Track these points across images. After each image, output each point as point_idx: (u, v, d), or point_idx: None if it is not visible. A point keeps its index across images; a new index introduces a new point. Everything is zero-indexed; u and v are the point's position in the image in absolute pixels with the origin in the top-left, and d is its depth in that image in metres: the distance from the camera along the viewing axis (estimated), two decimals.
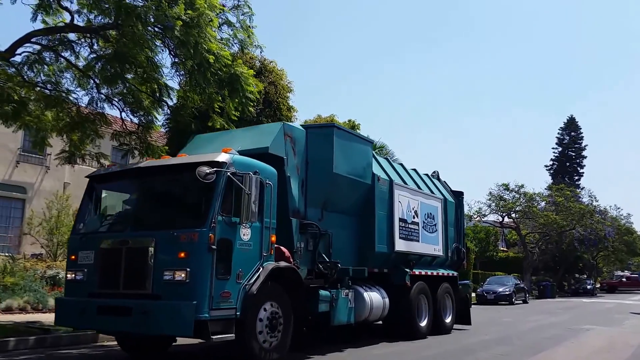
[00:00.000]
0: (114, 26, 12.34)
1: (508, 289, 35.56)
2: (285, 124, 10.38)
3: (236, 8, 14.15)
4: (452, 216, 15.28)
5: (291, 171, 10.11)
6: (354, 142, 11.47)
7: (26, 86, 12.64)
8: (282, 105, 23.53)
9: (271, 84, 23.14)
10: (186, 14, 11.67)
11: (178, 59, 12.98)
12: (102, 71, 11.91)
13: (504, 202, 48.85)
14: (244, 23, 14.09)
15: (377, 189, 11.95)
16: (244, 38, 14.06)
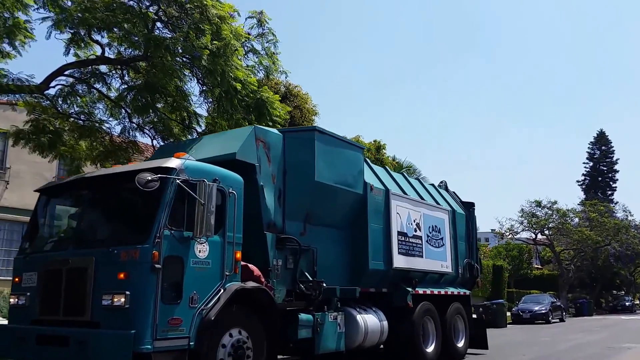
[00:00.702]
0: (143, 58, 12.96)
1: (544, 307, 34.63)
2: (257, 127, 9.29)
3: (261, 36, 14.92)
4: (463, 229, 13.95)
5: (265, 180, 9.01)
6: (341, 147, 10.31)
7: (60, 117, 13.31)
8: None
9: (296, 107, 23.61)
10: (213, 44, 12.18)
11: (206, 87, 13.63)
12: (134, 101, 12.51)
13: (536, 219, 48.15)
14: (268, 50, 14.89)
15: (370, 199, 10.76)
16: (269, 64, 14.83)
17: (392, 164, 30.94)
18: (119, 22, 12.59)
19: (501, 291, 42.26)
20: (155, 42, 12.09)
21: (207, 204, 7.18)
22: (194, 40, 12.18)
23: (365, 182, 10.71)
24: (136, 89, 12.61)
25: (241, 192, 8.18)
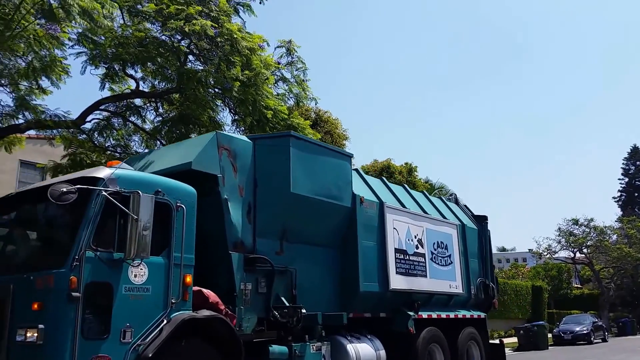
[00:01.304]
0: (177, 90, 13.40)
1: (586, 327, 32.87)
2: (219, 133, 8.19)
3: (290, 64, 15.34)
4: (475, 245, 12.57)
5: (230, 192, 7.90)
6: (324, 155, 9.14)
7: (97, 151, 13.62)
8: None
9: (327, 133, 24.05)
10: (243, 75, 12.59)
11: (238, 116, 14.06)
12: (168, 133, 12.96)
13: (574, 238, 46.98)
14: (298, 78, 15.35)
15: (360, 213, 9.54)
16: (299, 92, 15.27)
17: (424, 186, 30.64)
18: (153, 57, 13.07)
19: (541, 312, 40.79)
20: (188, 75, 12.59)
21: (141, 219, 6.08)
22: (225, 72, 12.60)
23: (354, 193, 9.51)
24: (170, 121, 13.16)
25: (193, 205, 7.08)
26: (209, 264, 7.97)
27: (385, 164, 32.08)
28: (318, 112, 25.17)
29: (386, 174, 29.27)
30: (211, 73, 12.63)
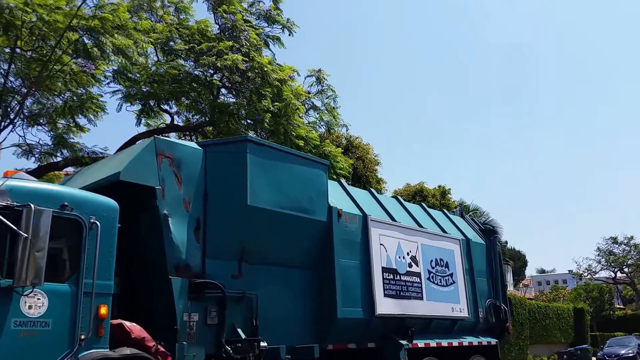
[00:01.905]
0: (210, 123, 13.99)
1: (631, 350, 30.76)
2: (159, 138, 7.06)
3: (320, 92, 15.76)
4: (482, 262, 11.17)
5: (172, 206, 6.78)
6: (291, 163, 7.96)
7: None
8: (371, 178, 23.96)
9: (359, 159, 23.82)
10: (274, 106, 12.96)
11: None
12: None
13: (614, 257, 44.88)
14: (328, 105, 15.74)
15: (338, 227, 8.31)
16: (330, 119, 15.65)
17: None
18: (186, 92, 13.55)
19: (584, 335, 38.70)
20: (221, 108, 13.17)
21: (34, 238, 4.98)
22: (256, 104, 13.00)
23: (331, 206, 8.28)
24: None
25: (112, 222, 5.95)
26: (149, 291, 6.87)
27: (418, 188, 31.78)
28: (349, 138, 25.00)
29: (419, 198, 28.55)
30: (243, 106, 13.06)
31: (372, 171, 25.33)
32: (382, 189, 24.83)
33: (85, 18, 11.67)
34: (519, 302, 28.34)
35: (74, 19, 11.36)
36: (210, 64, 12.91)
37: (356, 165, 22.68)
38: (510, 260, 48.39)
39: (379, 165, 26.44)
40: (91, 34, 11.72)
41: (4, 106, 12.36)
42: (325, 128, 16.04)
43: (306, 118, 15.53)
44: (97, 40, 11.71)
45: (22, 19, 11.00)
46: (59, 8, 11.47)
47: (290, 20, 15.99)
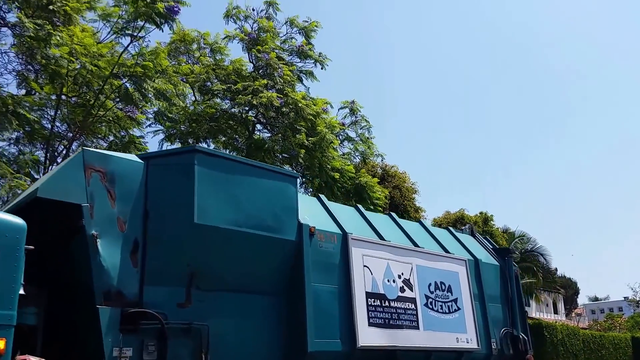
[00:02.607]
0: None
1: None
2: (89, 150, 6.26)
3: (354, 124, 16.22)
4: (496, 285, 9.90)
5: (102, 226, 5.97)
6: (251, 176, 7.06)
7: None
8: (409, 207, 23.96)
9: (395, 188, 23.88)
10: (309, 140, 13.45)
11: (306, 179, 14.73)
12: None
13: None
14: (362, 136, 16.20)
15: (311, 247, 7.33)
16: (365, 149, 16.02)
17: (502, 235, 28.83)
18: (223, 129, 14.34)
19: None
20: (256, 144, 13.58)
21: None
22: (291, 138, 13.37)
23: (301, 223, 7.32)
24: None
25: (16, 244, 5.14)
26: (76, 322, 6.04)
27: (458, 215, 30.92)
28: (385, 167, 24.86)
29: (460, 225, 27.47)
30: (278, 141, 13.40)
31: (410, 200, 24.97)
32: (420, 217, 24.32)
33: (127, 65, 12.31)
34: (572, 332, 26.53)
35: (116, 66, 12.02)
36: (246, 102, 13.28)
37: (393, 195, 22.67)
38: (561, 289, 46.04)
39: (416, 193, 26.12)
40: (133, 79, 12.39)
41: (51, 150, 12.93)
42: (360, 158, 16.37)
43: (341, 149, 15.98)
44: (139, 85, 12.40)
45: (67, 67, 11.65)
46: (102, 56, 12.20)
47: (322, 54, 16.77)
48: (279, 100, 13.40)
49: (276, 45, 16.32)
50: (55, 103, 13.04)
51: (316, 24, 16.97)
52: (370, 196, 14.24)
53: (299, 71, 16.37)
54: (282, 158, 14.32)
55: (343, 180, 13.84)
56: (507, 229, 35.27)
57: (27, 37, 11.30)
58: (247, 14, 16.77)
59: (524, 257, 35.74)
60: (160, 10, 11.91)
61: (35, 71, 12.94)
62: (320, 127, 13.97)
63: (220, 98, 14.95)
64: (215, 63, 15.79)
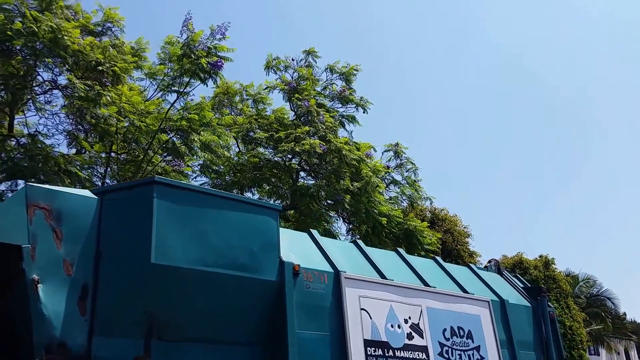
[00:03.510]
0: (291, 207, 14.35)
1: None
2: (32, 186, 5.58)
3: (399, 166, 16.11)
4: (528, 329, 8.69)
5: (45, 269, 5.28)
6: (221, 209, 6.28)
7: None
8: (462, 252, 23.21)
9: (447, 232, 23.04)
10: (353, 185, 13.31)
11: (352, 225, 14.76)
12: None
13: None
14: (409, 179, 16.00)
15: (295, 289, 6.44)
16: (412, 193, 15.81)
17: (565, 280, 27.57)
18: (267, 178, 14.40)
19: None
20: (301, 192, 13.49)
21: None
22: (335, 184, 13.37)
23: (283, 261, 6.47)
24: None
25: None
26: None
27: (516, 259, 29.39)
28: (434, 211, 24.13)
29: (519, 270, 26.19)
30: (322, 187, 13.32)
31: (463, 244, 24.09)
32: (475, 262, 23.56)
33: (173, 120, 12.69)
34: None
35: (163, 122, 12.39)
36: (289, 149, 13.32)
37: (445, 239, 21.86)
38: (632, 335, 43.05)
39: (469, 237, 25.09)
40: (179, 133, 12.72)
41: None
42: (407, 202, 16.02)
43: (387, 193, 15.72)
44: (185, 139, 12.67)
45: (116, 126, 12.00)
46: (149, 113, 12.59)
47: (363, 98, 16.59)
48: (322, 147, 13.37)
49: (317, 92, 16.49)
50: (105, 160, 13.39)
51: (355, 68, 17.01)
52: (421, 241, 13.88)
53: (341, 116, 16.42)
54: (328, 204, 14.20)
55: (391, 225, 13.55)
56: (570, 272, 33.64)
57: (77, 98, 11.71)
58: (287, 64, 16.99)
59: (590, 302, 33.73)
60: (204, 66, 12.15)
61: (85, 130, 13.34)
62: (364, 171, 13.82)
63: (263, 147, 15.13)
64: (257, 113, 16.08)
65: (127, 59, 13.14)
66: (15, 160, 11.52)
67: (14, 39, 10.83)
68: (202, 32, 12.57)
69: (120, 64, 12.69)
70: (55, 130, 13.40)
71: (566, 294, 23.32)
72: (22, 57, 11.54)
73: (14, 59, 11.42)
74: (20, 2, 11.41)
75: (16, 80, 11.60)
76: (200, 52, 12.37)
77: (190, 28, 12.65)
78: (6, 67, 11.47)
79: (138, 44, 14.26)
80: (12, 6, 11.38)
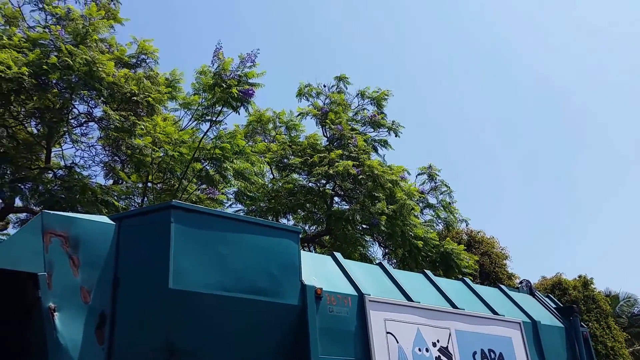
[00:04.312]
0: (327, 232, 14.39)
1: None
2: (48, 213, 5.65)
3: (434, 189, 15.98)
4: (560, 351, 8.35)
5: (62, 297, 5.31)
6: (240, 232, 6.24)
7: None
8: (500, 274, 22.91)
9: (484, 254, 22.78)
10: (389, 208, 13.18)
11: (388, 249, 14.73)
12: None
13: None
14: (444, 202, 15.85)
15: (318, 313, 6.33)
16: (447, 215, 15.66)
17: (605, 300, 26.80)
18: (302, 204, 14.33)
19: None
20: (336, 216, 13.39)
21: None
22: (370, 207, 13.22)
23: (304, 284, 6.38)
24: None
25: None
26: None
27: (555, 280, 28.70)
28: (470, 233, 23.77)
29: (558, 291, 25.51)
30: (357, 211, 13.11)
31: (501, 266, 23.50)
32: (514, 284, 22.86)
33: (207, 148, 12.85)
34: None
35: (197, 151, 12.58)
36: (323, 172, 13.42)
37: (482, 262, 21.47)
38: None
39: (507, 259, 24.48)
40: (213, 162, 12.86)
41: None
42: (443, 225, 15.83)
43: (422, 217, 15.46)
44: (218, 167, 12.82)
45: (151, 156, 12.22)
46: (183, 142, 12.78)
47: (395, 122, 16.64)
48: (355, 169, 13.36)
49: (349, 117, 16.62)
50: (141, 190, 13.57)
51: (386, 93, 17.06)
52: (458, 264, 13.68)
53: (373, 140, 16.41)
54: (363, 229, 14.09)
55: (427, 248, 13.35)
56: (610, 292, 32.76)
57: (112, 129, 11.97)
58: (319, 90, 17.13)
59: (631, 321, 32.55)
60: (235, 94, 12.32)
61: (122, 161, 13.66)
62: (399, 195, 13.66)
63: (297, 173, 15.19)
64: (290, 140, 16.21)
65: (161, 89, 13.36)
66: (52, 192, 11.73)
67: (49, 73, 11.12)
68: (231, 60, 12.72)
69: (155, 95, 12.93)
70: (92, 162, 13.74)
71: (606, 314, 22.47)
72: (58, 90, 11.81)
73: (50, 93, 11.70)
74: (56, 36, 11.71)
75: (52, 114, 11.87)
76: (231, 81, 12.48)
77: (220, 57, 12.83)
78: (42, 101, 11.77)
79: (172, 75, 14.53)
80: (47, 41, 11.72)
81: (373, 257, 14.56)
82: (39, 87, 11.41)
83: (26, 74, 10.67)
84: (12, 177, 12.11)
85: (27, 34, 12.11)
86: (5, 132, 12.27)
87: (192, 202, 12.91)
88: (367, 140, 15.83)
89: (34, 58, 11.08)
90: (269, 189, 14.77)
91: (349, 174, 13.31)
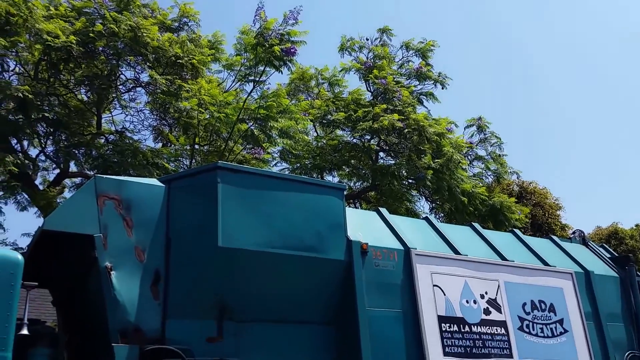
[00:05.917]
0: (372, 188, 14.40)
1: None
2: (101, 177, 5.88)
3: (483, 141, 15.57)
4: (615, 301, 8.23)
5: (117, 257, 5.54)
6: (286, 191, 6.35)
7: None
8: (553, 225, 22.34)
9: (536, 205, 22.25)
10: (435, 162, 12.87)
11: (435, 204, 14.53)
12: None
13: None
14: (494, 154, 15.49)
15: (364, 267, 6.41)
16: (498, 168, 15.35)
17: None
18: (346, 160, 14.32)
19: None
20: (381, 171, 13.29)
21: None
22: (416, 162, 13.06)
23: (350, 240, 6.46)
24: None
25: (9, 279, 4.82)
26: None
27: (611, 230, 27.93)
28: (521, 184, 23.14)
29: (615, 241, 24.96)
30: (403, 165, 13.03)
31: (555, 217, 22.94)
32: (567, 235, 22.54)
33: (251, 109, 12.98)
34: None
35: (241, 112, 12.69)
36: (367, 127, 13.19)
37: (534, 213, 21.00)
38: None
39: (560, 210, 23.88)
40: (258, 122, 13.04)
41: None
42: (493, 177, 15.47)
43: (471, 170, 15.26)
44: (263, 126, 12.98)
45: (198, 118, 12.37)
46: (228, 103, 12.94)
47: (442, 74, 16.20)
48: (401, 123, 13.10)
49: (393, 71, 16.23)
50: (189, 152, 13.85)
51: (432, 44, 16.58)
52: (508, 217, 13.39)
53: (419, 93, 16.07)
54: (409, 184, 13.92)
55: (475, 203, 13.10)
56: None
57: (159, 93, 12.18)
58: (362, 44, 16.80)
59: None
60: (277, 53, 12.28)
61: (169, 125, 13.86)
62: (446, 148, 13.31)
63: (341, 129, 15.06)
64: (334, 96, 16.02)
65: (205, 52, 13.43)
66: (105, 156, 12.10)
67: (96, 41, 11.35)
68: (274, 20, 12.67)
69: (198, 57, 12.97)
70: (141, 126, 14.01)
71: None
72: (105, 57, 12.05)
73: (97, 60, 11.96)
74: (100, 4, 11.89)
75: (101, 81, 12.15)
76: (273, 40, 12.44)
77: (262, 17, 12.76)
78: (91, 68, 12.04)
79: (214, 37, 14.52)
80: (92, 9, 11.91)
81: (420, 212, 14.51)
82: (87, 55, 11.68)
83: (74, 42, 10.91)
84: (66, 143, 12.47)
85: (72, 3, 12.29)
86: (57, 100, 12.57)
87: (238, 162, 13.01)
88: (412, 93, 15.50)
89: (80, 27, 11.30)
90: (313, 147, 14.77)
91: (394, 128, 13.04)
